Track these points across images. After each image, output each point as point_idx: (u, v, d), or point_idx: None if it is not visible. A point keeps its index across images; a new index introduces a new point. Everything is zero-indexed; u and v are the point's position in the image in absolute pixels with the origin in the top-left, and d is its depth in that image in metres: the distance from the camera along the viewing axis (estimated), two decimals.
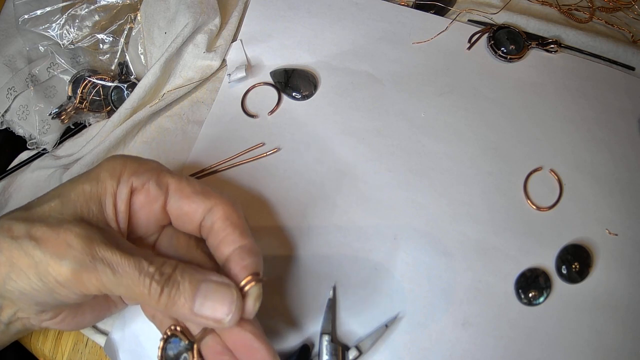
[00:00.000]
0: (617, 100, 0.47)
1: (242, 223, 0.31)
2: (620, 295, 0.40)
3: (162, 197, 0.31)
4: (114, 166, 0.30)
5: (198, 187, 0.31)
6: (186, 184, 0.31)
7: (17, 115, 0.47)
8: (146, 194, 0.30)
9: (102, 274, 0.26)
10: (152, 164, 0.32)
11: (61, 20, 0.48)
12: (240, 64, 0.48)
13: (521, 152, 0.45)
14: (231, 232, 0.30)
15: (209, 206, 0.31)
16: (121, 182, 0.30)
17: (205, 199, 0.31)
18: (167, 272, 0.26)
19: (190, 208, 0.31)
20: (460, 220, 0.42)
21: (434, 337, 0.38)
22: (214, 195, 0.31)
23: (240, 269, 0.29)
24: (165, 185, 0.31)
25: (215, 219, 0.31)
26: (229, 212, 0.31)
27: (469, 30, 0.50)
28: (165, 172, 0.31)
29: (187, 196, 0.31)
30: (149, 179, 0.30)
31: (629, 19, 0.53)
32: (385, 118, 0.46)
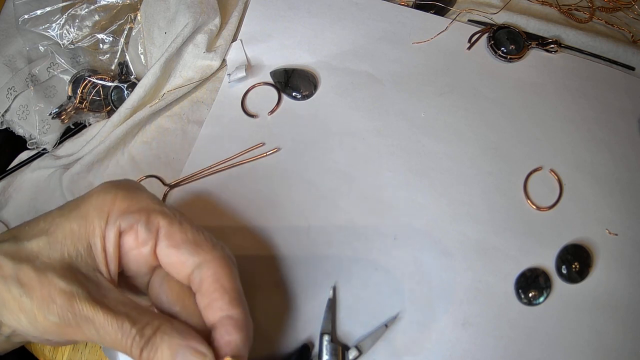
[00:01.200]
0: (617, 100, 0.47)
1: (234, 287, 0.29)
2: (620, 295, 0.40)
3: (151, 241, 0.28)
4: (102, 202, 0.28)
5: (190, 235, 0.29)
6: (178, 229, 0.28)
7: (17, 115, 0.46)
8: (135, 237, 0.28)
9: (86, 330, 0.25)
10: (143, 201, 0.29)
11: (61, 20, 0.48)
12: (240, 64, 0.48)
13: (521, 152, 0.45)
14: (219, 298, 0.28)
15: (198, 261, 0.28)
16: (109, 223, 0.28)
17: (194, 253, 0.28)
18: (148, 335, 0.26)
19: (178, 260, 0.28)
20: (460, 220, 0.42)
21: (434, 337, 0.38)
22: (205, 248, 0.29)
23: (223, 344, 0.27)
24: (155, 228, 0.28)
25: (204, 277, 0.28)
26: (219, 272, 0.28)
27: (469, 30, 0.50)
28: (157, 213, 0.28)
29: (176, 245, 0.28)
30: (138, 220, 0.28)
31: (629, 19, 0.53)
32: (385, 118, 0.46)
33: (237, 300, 0.28)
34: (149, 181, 0.44)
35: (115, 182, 0.30)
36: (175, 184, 0.44)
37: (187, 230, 0.29)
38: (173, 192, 0.44)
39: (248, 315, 0.29)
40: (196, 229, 0.29)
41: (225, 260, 0.29)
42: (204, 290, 0.28)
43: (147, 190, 0.30)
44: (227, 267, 0.29)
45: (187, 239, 0.28)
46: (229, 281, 0.28)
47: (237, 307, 0.28)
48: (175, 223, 0.29)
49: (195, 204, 0.43)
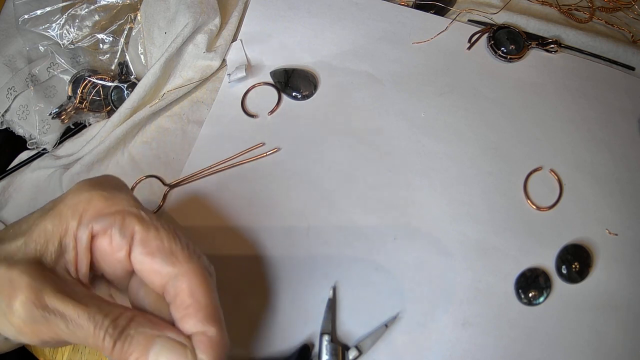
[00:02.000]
0: (617, 100, 0.47)
1: (209, 302, 0.27)
2: (620, 295, 0.40)
3: (126, 246, 0.27)
4: (77, 202, 0.27)
5: (166, 243, 0.27)
6: (153, 235, 0.27)
7: (17, 115, 0.46)
8: (109, 241, 0.27)
9: (55, 327, 0.24)
10: (119, 202, 0.27)
11: (61, 20, 0.48)
12: (240, 64, 0.48)
13: (521, 152, 0.45)
14: (194, 313, 0.26)
15: (173, 272, 0.26)
16: (82, 224, 0.26)
17: (169, 263, 0.26)
18: (122, 325, 0.24)
19: (152, 269, 0.27)
20: (460, 220, 0.42)
21: (434, 337, 0.38)
22: (181, 259, 0.27)
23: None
24: (130, 233, 0.27)
25: (179, 289, 0.26)
26: (195, 286, 0.26)
27: (469, 30, 0.50)
28: (133, 217, 0.27)
29: (150, 253, 0.26)
30: (112, 224, 0.26)
31: (629, 19, 0.53)
32: (385, 118, 0.46)
33: (212, 317, 0.27)
34: (149, 181, 0.44)
35: (93, 180, 0.28)
36: (175, 184, 0.44)
37: (164, 238, 0.27)
38: (173, 192, 0.44)
39: (223, 332, 0.27)
40: (173, 236, 0.27)
41: (202, 272, 0.27)
42: (178, 303, 0.27)
43: (126, 190, 0.29)
44: (204, 281, 0.27)
45: (163, 247, 0.27)
46: (204, 296, 0.27)
47: (212, 324, 0.26)
48: (152, 229, 0.27)
49: (195, 204, 0.43)
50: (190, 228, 0.42)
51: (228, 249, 0.41)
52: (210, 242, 0.42)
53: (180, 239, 0.28)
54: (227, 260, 0.41)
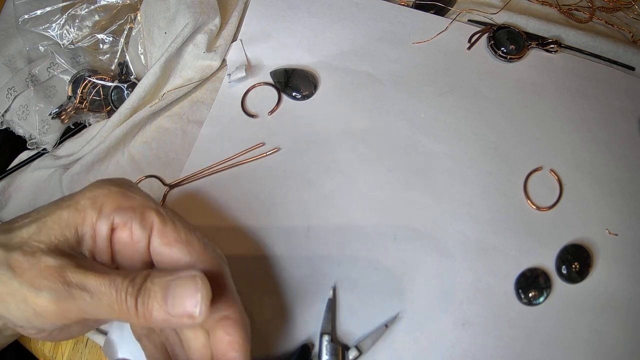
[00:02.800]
0: (617, 100, 0.47)
1: (227, 286, 0.29)
2: (620, 295, 0.40)
3: (145, 239, 0.28)
4: (96, 195, 0.28)
5: (183, 235, 0.29)
6: (171, 228, 0.28)
7: (17, 115, 0.46)
8: (129, 234, 0.28)
9: (80, 300, 0.25)
10: (137, 199, 0.29)
11: (61, 20, 0.48)
12: (240, 64, 0.48)
13: (521, 152, 0.45)
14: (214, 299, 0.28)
15: (191, 261, 0.28)
16: (102, 216, 0.28)
17: (187, 252, 0.28)
18: (139, 282, 0.26)
19: (171, 259, 0.28)
20: (460, 220, 0.42)
21: (434, 337, 0.38)
22: (197, 248, 0.29)
23: (226, 344, 0.28)
24: (149, 226, 0.28)
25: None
26: (211, 272, 0.28)
27: (469, 30, 0.50)
28: (151, 210, 0.29)
29: (169, 244, 0.28)
30: (132, 217, 0.28)
31: (629, 19, 0.53)
32: (385, 118, 0.46)
33: (232, 300, 0.29)
34: (149, 181, 0.44)
35: (111, 179, 0.30)
36: (175, 184, 0.44)
37: (180, 230, 0.29)
38: (173, 192, 0.44)
39: (244, 314, 0.29)
40: (189, 229, 0.29)
41: (218, 260, 0.29)
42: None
43: (141, 190, 0.30)
44: (220, 268, 0.29)
45: (180, 239, 0.28)
46: (222, 280, 0.29)
47: (233, 306, 0.28)
48: (169, 222, 0.29)
49: (195, 204, 0.43)
50: None
51: (228, 249, 0.41)
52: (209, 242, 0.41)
53: (195, 232, 0.29)
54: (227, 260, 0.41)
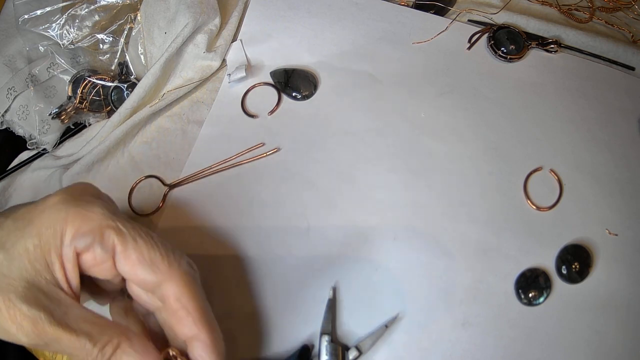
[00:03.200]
0: (617, 100, 0.47)
1: (196, 306, 0.28)
2: (620, 295, 0.40)
3: (109, 259, 0.28)
4: (55, 222, 0.27)
5: (145, 254, 0.28)
6: (132, 247, 0.27)
7: (17, 115, 0.46)
8: (93, 256, 0.28)
9: (55, 348, 0.26)
10: (96, 217, 0.28)
11: (61, 20, 0.48)
12: (240, 64, 0.48)
13: (521, 152, 0.45)
14: (184, 318, 0.28)
15: (157, 281, 0.28)
16: (64, 244, 0.27)
17: (151, 273, 0.27)
18: (108, 354, 0.26)
19: (137, 278, 0.28)
20: (461, 220, 0.42)
21: (434, 337, 0.38)
22: (162, 267, 0.28)
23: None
24: (111, 247, 0.28)
25: (165, 296, 0.28)
26: (179, 292, 0.28)
27: (469, 30, 0.50)
28: (111, 230, 0.28)
29: (132, 264, 0.28)
30: (94, 240, 0.27)
31: (629, 19, 0.53)
32: (385, 118, 0.46)
33: (201, 321, 0.28)
34: (149, 181, 0.44)
35: (67, 193, 0.29)
36: (175, 184, 0.44)
37: (142, 249, 0.28)
38: (173, 192, 0.44)
39: (215, 334, 0.28)
40: (152, 245, 0.28)
41: (184, 278, 0.28)
42: (168, 309, 0.28)
43: (100, 201, 0.29)
44: (187, 286, 0.28)
45: (143, 258, 0.28)
46: (190, 301, 0.28)
47: (202, 327, 0.28)
48: (130, 241, 0.28)
49: (195, 204, 0.43)
50: (190, 228, 0.42)
51: (228, 249, 0.41)
52: (210, 242, 0.42)
53: (159, 247, 0.28)
54: (227, 260, 0.41)
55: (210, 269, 0.41)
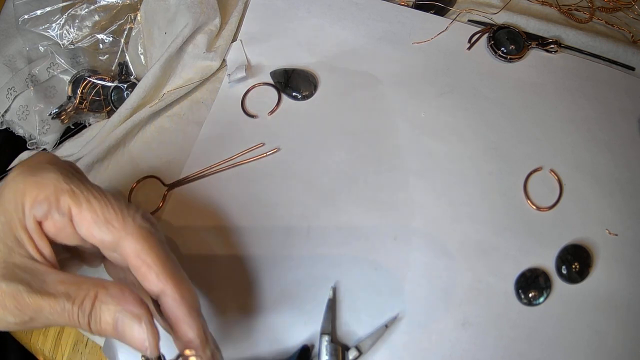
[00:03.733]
0: (617, 100, 0.47)
1: (157, 260, 0.28)
2: (621, 295, 0.40)
3: (69, 224, 0.28)
4: (15, 194, 0.27)
5: (99, 213, 0.27)
6: (86, 208, 0.27)
7: (17, 115, 0.47)
8: (53, 223, 0.28)
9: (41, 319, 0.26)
10: (50, 183, 0.28)
11: (61, 20, 0.48)
12: (240, 64, 0.48)
13: (521, 152, 0.45)
14: (147, 273, 0.28)
15: (115, 239, 0.27)
16: (25, 215, 0.27)
17: (107, 232, 0.27)
18: (88, 308, 0.26)
19: (95, 240, 0.28)
20: (460, 220, 0.42)
21: (434, 337, 0.38)
22: (116, 225, 0.27)
23: (175, 320, 0.28)
24: (67, 211, 0.28)
25: (125, 254, 0.28)
26: (137, 248, 0.27)
27: (469, 30, 0.50)
28: (64, 193, 0.27)
29: (88, 225, 0.27)
30: (50, 206, 0.27)
31: (629, 19, 0.53)
32: (385, 118, 0.46)
33: (164, 274, 0.28)
34: (149, 181, 0.44)
35: (23, 166, 0.29)
36: (175, 184, 0.44)
37: (96, 208, 0.28)
38: (173, 192, 0.44)
39: (182, 286, 0.28)
40: (105, 203, 0.28)
41: (141, 232, 0.28)
42: (132, 267, 0.28)
43: (54, 166, 0.29)
44: (144, 241, 0.28)
45: (97, 218, 0.27)
46: (149, 255, 0.28)
47: (167, 281, 0.28)
48: (83, 202, 0.28)
49: (195, 204, 0.43)
50: (190, 228, 0.42)
51: (228, 249, 0.41)
52: (209, 242, 0.42)
53: (112, 204, 0.28)
54: (227, 260, 0.41)
55: (210, 268, 0.41)
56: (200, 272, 0.41)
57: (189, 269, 0.40)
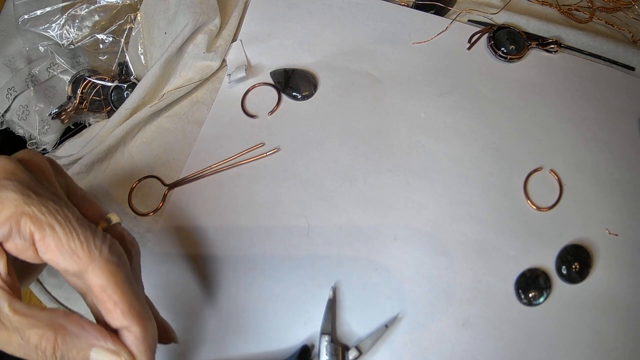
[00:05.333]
0: (617, 101, 0.47)
1: (123, 297, 0.26)
2: (621, 295, 0.40)
3: (31, 247, 0.26)
4: None
5: (64, 241, 0.25)
6: (50, 234, 0.25)
7: (17, 115, 0.46)
8: (14, 245, 0.25)
9: (6, 347, 0.24)
10: (11, 204, 0.25)
11: (61, 20, 0.48)
12: (240, 64, 0.48)
13: (521, 152, 0.45)
14: (112, 309, 0.26)
15: (80, 270, 0.25)
16: None
17: (72, 262, 0.25)
18: (49, 350, 0.25)
19: (59, 267, 0.26)
20: (461, 221, 0.42)
21: (434, 337, 0.38)
22: (82, 255, 0.25)
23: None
24: (29, 235, 0.25)
25: (91, 286, 0.26)
26: (103, 282, 0.25)
27: (469, 30, 0.50)
28: (26, 217, 0.25)
29: (52, 253, 0.25)
30: (10, 229, 0.25)
31: (629, 19, 0.53)
32: (385, 118, 0.46)
33: (130, 313, 0.26)
34: (149, 181, 0.44)
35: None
36: (175, 184, 0.44)
37: (60, 235, 0.25)
38: (173, 192, 0.44)
39: (146, 324, 0.27)
40: (70, 231, 0.26)
41: (108, 267, 0.26)
42: (96, 299, 0.26)
43: (14, 183, 0.26)
44: (111, 276, 0.26)
45: (62, 246, 0.25)
46: (116, 293, 0.26)
47: (132, 320, 0.26)
48: (47, 228, 0.25)
49: (195, 204, 0.43)
50: (190, 228, 0.42)
51: (227, 249, 0.41)
52: (209, 242, 0.42)
53: (78, 233, 0.26)
54: (227, 260, 0.41)
55: (210, 268, 0.41)
56: (200, 271, 0.41)
57: (189, 269, 0.41)
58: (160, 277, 0.41)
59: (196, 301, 0.40)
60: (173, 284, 0.40)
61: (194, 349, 0.38)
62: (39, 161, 0.29)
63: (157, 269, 0.41)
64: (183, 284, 0.40)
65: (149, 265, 0.41)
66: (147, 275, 0.40)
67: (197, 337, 0.39)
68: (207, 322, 0.39)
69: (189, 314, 0.39)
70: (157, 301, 0.33)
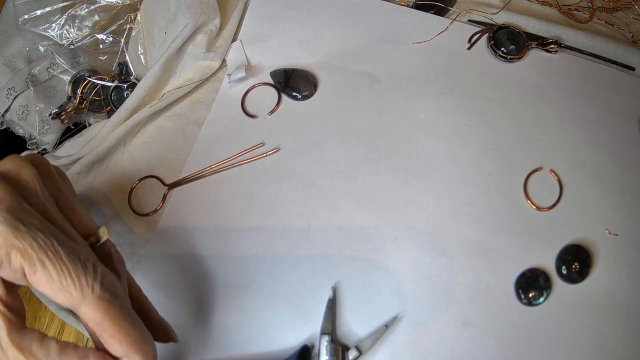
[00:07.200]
0: (618, 101, 0.47)
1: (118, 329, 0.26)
2: (621, 295, 0.40)
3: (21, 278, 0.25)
4: None
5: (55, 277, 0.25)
6: (40, 270, 0.25)
7: (17, 115, 0.47)
8: (6, 275, 0.25)
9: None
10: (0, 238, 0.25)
11: (61, 20, 0.48)
12: (240, 64, 0.48)
13: (521, 152, 0.45)
14: (109, 341, 0.26)
15: (73, 306, 0.25)
16: None
17: (65, 297, 0.25)
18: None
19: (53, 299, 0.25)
20: (461, 221, 0.42)
21: (434, 337, 0.38)
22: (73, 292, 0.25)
23: None
24: (19, 268, 0.25)
25: (86, 320, 0.26)
26: (97, 317, 0.25)
27: (469, 30, 0.50)
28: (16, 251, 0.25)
29: (43, 287, 0.25)
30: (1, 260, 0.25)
31: (629, 19, 0.53)
32: (385, 118, 0.46)
33: (127, 342, 0.26)
34: (149, 181, 0.44)
35: None
36: (175, 184, 0.44)
37: (51, 272, 0.25)
38: (173, 192, 0.44)
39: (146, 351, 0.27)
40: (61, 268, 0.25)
41: (101, 304, 0.26)
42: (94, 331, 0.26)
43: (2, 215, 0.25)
44: (105, 312, 0.26)
45: (53, 281, 0.25)
46: (111, 327, 0.26)
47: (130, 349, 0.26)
48: (37, 264, 0.25)
49: (195, 204, 0.43)
50: (190, 228, 0.42)
51: (228, 249, 0.41)
52: (209, 242, 0.42)
53: (69, 269, 0.25)
54: (227, 260, 0.41)
55: (210, 268, 0.41)
56: (200, 271, 0.41)
57: (189, 269, 0.41)
58: (160, 277, 0.41)
59: (196, 301, 0.40)
60: (173, 284, 0.40)
61: (194, 348, 0.38)
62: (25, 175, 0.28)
63: (157, 269, 0.41)
64: (183, 284, 0.40)
65: (149, 265, 0.41)
66: (147, 275, 0.40)
67: (197, 337, 0.39)
68: (207, 322, 0.39)
69: (189, 314, 0.39)
70: (157, 301, 0.33)
